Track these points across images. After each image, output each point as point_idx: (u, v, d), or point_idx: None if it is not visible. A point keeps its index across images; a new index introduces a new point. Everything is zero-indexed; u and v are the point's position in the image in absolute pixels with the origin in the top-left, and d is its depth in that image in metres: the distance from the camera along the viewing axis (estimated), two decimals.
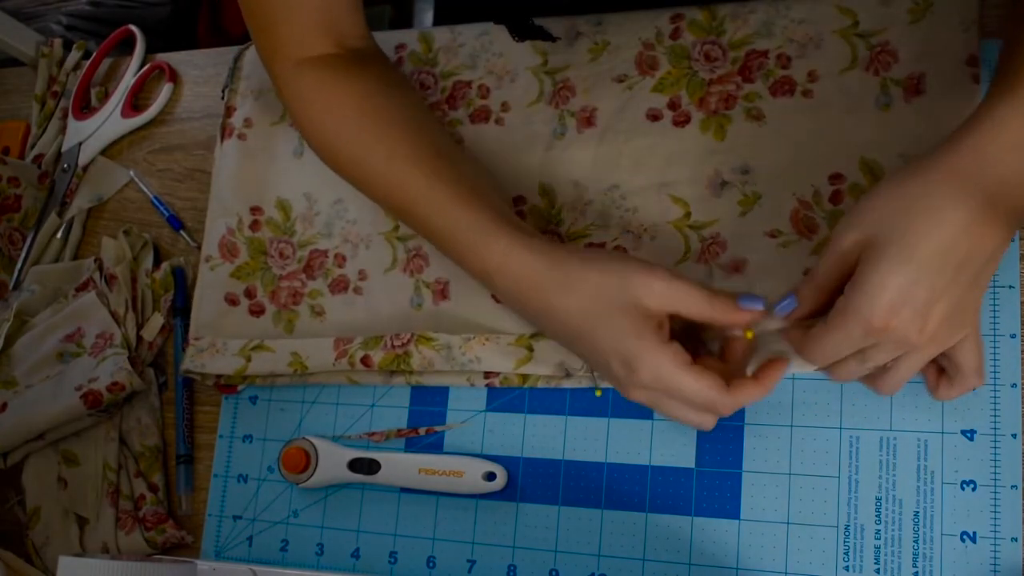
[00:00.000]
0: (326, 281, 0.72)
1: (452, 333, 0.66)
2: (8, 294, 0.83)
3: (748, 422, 0.61)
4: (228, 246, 0.76)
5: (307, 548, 0.69)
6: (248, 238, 0.75)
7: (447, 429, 0.68)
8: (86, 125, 0.87)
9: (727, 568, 0.59)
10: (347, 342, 0.69)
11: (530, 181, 0.69)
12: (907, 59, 0.62)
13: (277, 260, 0.74)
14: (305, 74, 0.65)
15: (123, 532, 0.72)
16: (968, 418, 0.56)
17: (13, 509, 0.78)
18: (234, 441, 0.73)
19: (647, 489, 0.62)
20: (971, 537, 0.55)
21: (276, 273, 0.74)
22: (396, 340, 0.67)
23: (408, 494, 0.67)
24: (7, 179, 0.84)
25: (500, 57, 0.73)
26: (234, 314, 0.74)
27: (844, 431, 0.59)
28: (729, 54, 0.66)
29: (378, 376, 0.68)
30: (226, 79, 0.81)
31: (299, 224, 0.74)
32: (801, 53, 0.65)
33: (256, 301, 0.74)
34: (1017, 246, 0.58)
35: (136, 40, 0.88)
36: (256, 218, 0.75)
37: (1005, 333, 0.57)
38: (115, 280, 0.78)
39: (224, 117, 0.79)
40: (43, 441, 0.76)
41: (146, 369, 0.76)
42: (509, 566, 0.64)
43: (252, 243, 0.75)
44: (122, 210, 0.84)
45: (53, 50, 0.92)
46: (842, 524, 0.58)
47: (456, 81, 0.74)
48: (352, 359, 0.67)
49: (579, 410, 0.65)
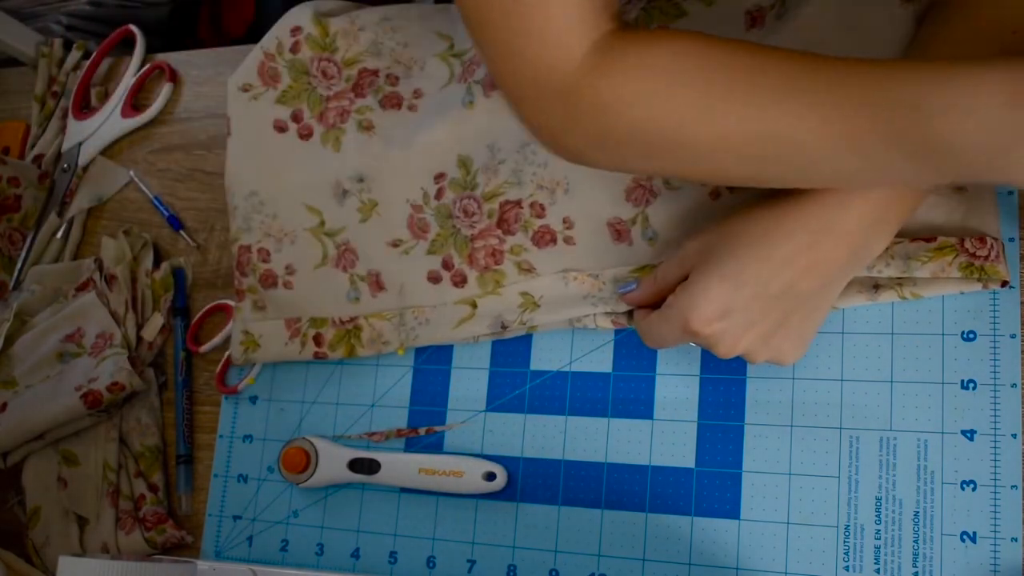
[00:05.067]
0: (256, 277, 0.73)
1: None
2: (8, 294, 0.83)
3: (748, 422, 0.61)
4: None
5: (307, 548, 0.69)
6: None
7: (447, 429, 0.68)
8: (86, 125, 0.87)
9: (727, 568, 0.59)
10: (296, 321, 0.71)
11: (449, 156, 0.69)
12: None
13: None
14: (602, 54, 0.49)
15: (123, 532, 0.72)
16: (968, 418, 0.56)
17: (13, 509, 0.78)
18: (234, 441, 0.73)
19: (647, 489, 0.62)
20: (971, 537, 0.55)
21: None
22: (343, 317, 0.70)
23: (408, 494, 0.67)
24: (7, 179, 0.84)
25: (406, 48, 0.73)
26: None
27: (844, 431, 0.59)
28: None
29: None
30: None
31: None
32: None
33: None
34: (1017, 246, 0.58)
35: (136, 40, 0.88)
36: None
37: (1005, 333, 0.57)
38: (115, 280, 0.78)
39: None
40: (43, 441, 0.76)
41: (146, 369, 0.76)
42: (509, 566, 0.64)
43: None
44: (122, 210, 0.84)
45: (53, 50, 0.92)
46: (842, 524, 0.58)
47: (362, 69, 0.73)
48: (304, 337, 0.70)
49: (579, 410, 0.65)
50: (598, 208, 0.65)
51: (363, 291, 0.70)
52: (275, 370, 0.73)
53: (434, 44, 0.72)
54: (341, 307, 0.70)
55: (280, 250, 0.72)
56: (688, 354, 0.63)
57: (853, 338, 0.60)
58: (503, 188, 0.67)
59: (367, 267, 0.70)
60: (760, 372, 0.61)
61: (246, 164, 0.73)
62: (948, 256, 0.55)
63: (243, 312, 0.72)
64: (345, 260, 0.70)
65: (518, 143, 0.67)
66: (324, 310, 0.71)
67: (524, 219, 0.66)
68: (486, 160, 0.68)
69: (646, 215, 0.64)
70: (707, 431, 0.61)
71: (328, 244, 0.71)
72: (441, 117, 0.70)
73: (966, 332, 0.57)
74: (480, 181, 0.68)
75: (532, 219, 0.66)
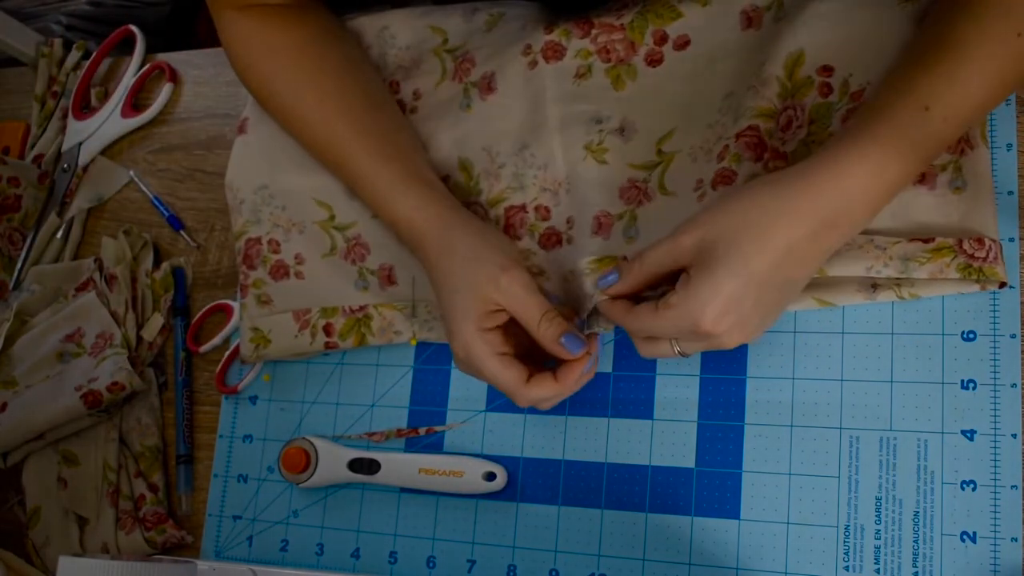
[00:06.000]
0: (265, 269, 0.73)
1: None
2: (8, 294, 0.83)
3: (748, 422, 0.61)
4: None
5: (307, 548, 0.69)
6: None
7: (447, 429, 0.68)
8: (86, 125, 0.87)
9: (727, 568, 0.59)
10: (306, 312, 0.71)
11: (450, 159, 0.69)
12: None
13: None
14: (247, 18, 0.69)
15: (123, 532, 0.72)
16: (968, 418, 0.56)
17: (13, 509, 0.78)
18: (234, 441, 0.73)
19: (647, 489, 0.62)
20: (971, 537, 0.55)
21: None
22: (353, 306, 0.70)
23: (408, 494, 0.67)
24: (7, 179, 0.84)
25: (407, 50, 0.74)
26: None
27: (844, 431, 0.59)
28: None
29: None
30: None
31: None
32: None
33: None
34: (1017, 246, 0.58)
35: (136, 40, 0.88)
36: None
37: (1005, 333, 0.57)
38: (115, 280, 0.78)
39: None
40: (43, 441, 0.76)
41: (146, 369, 0.76)
42: (509, 566, 0.64)
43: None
44: (122, 210, 0.84)
45: (53, 50, 0.92)
46: (842, 524, 0.58)
47: None
48: (315, 328, 0.70)
49: (579, 410, 0.65)
50: (593, 205, 0.65)
51: (372, 283, 0.70)
52: (275, 370, 0.73)
53: (429, 39, 0.73)
54: (350, 295, 0.70)
55: (289, 240, 0.72)
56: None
57: (853, 338, 0.60)
58: (506, 193, 0.67)
59: (379, 261, 0.70)
60: (760, 372, 0.61)
61: (259, 160, 0.73)
62: (946, 257, 0.55)
63: (248, 309, 0.72)
64: (355, 254, 0.70)
65: (517, 146, 0.67)
66: (334, 299, 0.71)
67: (530, 223, 0.66)
68: (486, 164, 0.68)
69: (635, 214, 0.64)
70: (707, 431, 0.61)
71: (337, 237, 0.71)
72: (440, 120, 0.70)
73: (966, 332, 0.58)
74: (484, 187, 0.68)
75: (538, 222, 0.66)
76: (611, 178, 0.65)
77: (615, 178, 0.65)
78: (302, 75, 0.68)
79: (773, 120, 0.60)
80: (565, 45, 0.67)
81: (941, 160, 0.57)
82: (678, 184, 0.63)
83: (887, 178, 0.50)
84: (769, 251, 0.51)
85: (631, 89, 0.66)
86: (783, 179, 0.52)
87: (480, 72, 0.70)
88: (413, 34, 0.74)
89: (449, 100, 0.71)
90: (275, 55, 0.69)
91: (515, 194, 0.67)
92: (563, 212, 0.66)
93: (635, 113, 0.66)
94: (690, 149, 0.64)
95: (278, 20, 0.69)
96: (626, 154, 0.65)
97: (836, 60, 0.59)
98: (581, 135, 0.66)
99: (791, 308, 0.61)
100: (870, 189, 0.50)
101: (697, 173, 0.62)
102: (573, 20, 0.68)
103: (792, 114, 0.60)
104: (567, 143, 0.66)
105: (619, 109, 0.66)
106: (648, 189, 0.64)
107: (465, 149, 0.69)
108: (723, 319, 0.51)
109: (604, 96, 0.66)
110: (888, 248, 0.56)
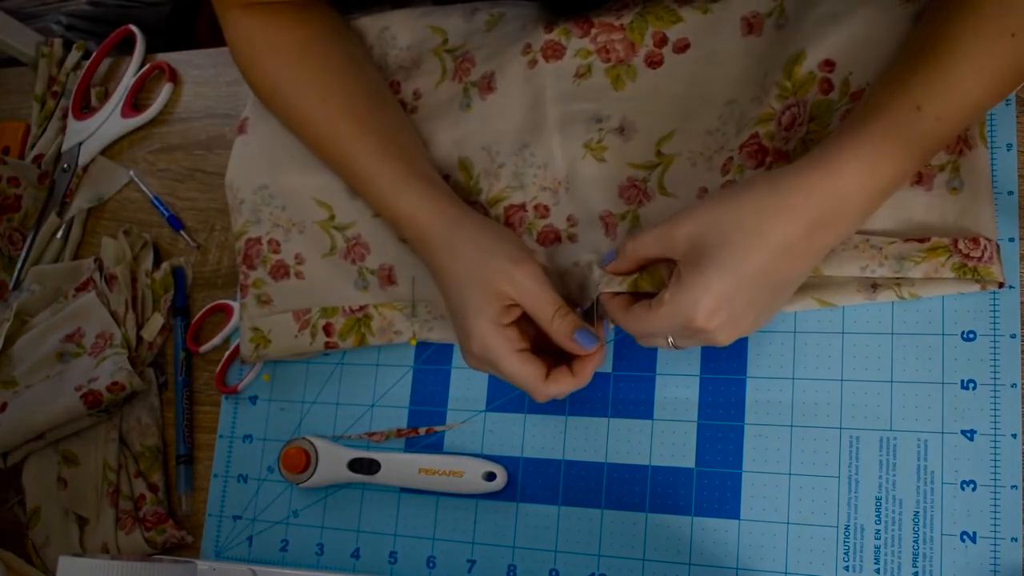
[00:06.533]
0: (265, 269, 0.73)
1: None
2: (8, 294, 0.83)
3: (748, 422, 0.61)
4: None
5: (307, 548, 0.69)
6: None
7: (447, 429, 0.68)
8: (86, 125, 0.87)
9: (727, 568, 0.59)
10: (306, 313, 0.71)
11: (450, 159, 0.69)
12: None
13: None
14: (252, 16, 0.69)
15: (123, 532, 0.72)
16: (968, 418, 0.56)
17: (13, 509, 0.78)
18: (234, 441, 0.73)
19: (647, 489, 0.62)
20: (971, 537, 0.55)
21: None
22: (353, 306, 0.70)
23: (408, 494, 0.67)
24: (7, 179, 0.84)
25: (408, 50, 0.74)
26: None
27: (844, 431, 0.59)
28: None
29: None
30: None
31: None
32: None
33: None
34: (1017, 246, 0.58)
35: (136, 40, 0.88)
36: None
37: (1005, 333, 0.57)
38: (115, 280, 0.78)
39: None
40: (43, 441, 0.76)
41: (146, 369, 0.76)
42: (509, 566, 0.64)
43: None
44: (122, 210, 0.84)
45: (53, 50, 0.92)
46: (842, 524, 0.58)
47: None
48: (315, 328, 0.70)
49: (579, 410, 0.65)
50: (595, 204, 0.65)
51: (372, 283, 0.70)
52: (275, 370, 0.73)
53: (429, 39, 0.73)
54: (350, 295, 0.70)
55: (289, 240, 0.72)
56: (688, 354, 0.63)
57: (853, 338, 0.60)
58: (506, 193, 0.67)
59: (379, 261, 0.70)
60: (760, 372, 0.61)
61: (259, 160, 0.73)
62: (941, 257, 0.55)
63: (248, 309, 0.72)
64: (355, 254, 0.70)
65: (517, 145, 0.67)
66: (334, 298, 0.71)
67: (528, 221, 0.67)
68: (486, 164, 0.68)
69: (637, 214, 0.64)
70: (707, 431, 0.61)
71: (337, 237, 0.71)
72: (440, 120, 0.70)
73: (966, 332, 0.58)
74: (483, 186, 0.68)
75: (536, 220, 0.66)
76: (610, 176, 0.65)
77: (615, 176, 0.65)
78: (305, 73, 0.68)
79: (774, 122, 0.60)
80: (565, 45, 0.67)
81: (939, 160, 0.57)
82: (678, 186, 0.63)
83: (881, 177, 0.50)
84: (762, 249, 0.51)
85: (631, 89, 0.66)
86: (777, 177, 0.52)
87: (480, 72, 0.70)
88: (413, 34, 0.74)
89: (449, 100, 0.71)
90: (279, 53, 0.69)
91: (515, 193, 0.67)
92: (563, 210, 0.66)
93: (635, 113, 0.66)
94: (689, 153, 0.64)
95: (282, 19, 0.70)
96: (626, 153, 0.65)
97: (837, 56, 0.59)
98: (581, 134, 0.66)
99: (791, 308, 0.61)
100: (864, 188, 0.50)
101: (699, 180, 0.62)
102: (573, 20, 0.68)
103: (796, 111, 0.60)
104: (567, 142, 0.66)
105: (619, 109, 0.66)
106: (648, 189, 0.64)
107: (465, 149, 0.69)
108: (715, 316, 0.52)
109: (604, 96, 0.66)
110: (884, 248, 0.56)
